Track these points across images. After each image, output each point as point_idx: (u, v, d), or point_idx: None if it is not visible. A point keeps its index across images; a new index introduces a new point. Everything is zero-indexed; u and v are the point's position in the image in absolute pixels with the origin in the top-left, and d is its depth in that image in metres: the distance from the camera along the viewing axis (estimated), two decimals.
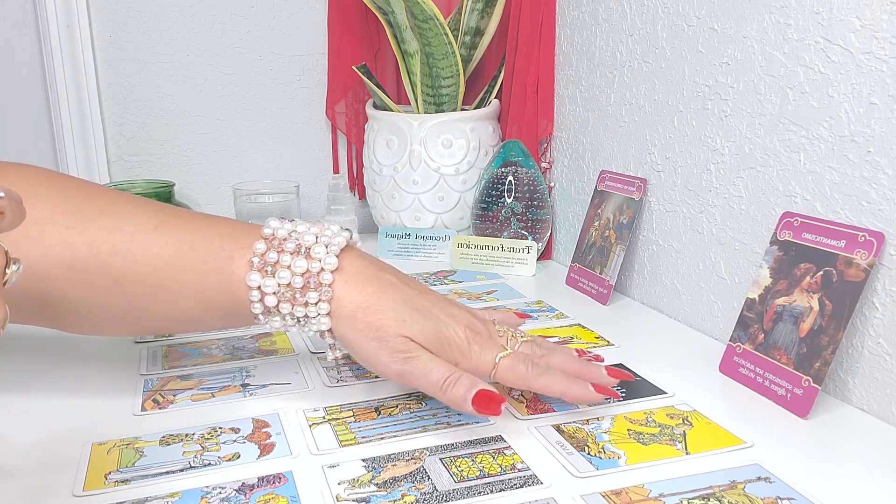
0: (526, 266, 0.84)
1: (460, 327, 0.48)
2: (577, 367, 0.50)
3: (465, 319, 0.49)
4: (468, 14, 0.91)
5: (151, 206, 0.50)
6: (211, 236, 0.48)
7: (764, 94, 0.58)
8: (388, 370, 0.46)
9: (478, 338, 0.48)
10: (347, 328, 0.46)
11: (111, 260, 0.46)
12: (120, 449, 0.45)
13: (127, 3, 0.96)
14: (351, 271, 0.47)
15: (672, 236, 0.69)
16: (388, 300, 0.47)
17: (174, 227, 0.48)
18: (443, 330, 0.47)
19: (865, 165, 0.50)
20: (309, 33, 1.05)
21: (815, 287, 0.51)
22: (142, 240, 0.47)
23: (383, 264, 0.50)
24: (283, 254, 0.46)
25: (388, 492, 0.40)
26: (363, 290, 0.47)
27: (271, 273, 0.46)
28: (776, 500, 0.40)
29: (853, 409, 0.51)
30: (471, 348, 0.47)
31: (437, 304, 0.49)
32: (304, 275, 0.46)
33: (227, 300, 0.47)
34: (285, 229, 0.48)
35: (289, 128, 1.07)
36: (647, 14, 0.70)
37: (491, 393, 0.44)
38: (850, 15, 0.50)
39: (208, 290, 0.47)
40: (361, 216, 1.08)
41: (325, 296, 0.46)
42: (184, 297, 0.47)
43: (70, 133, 0.96)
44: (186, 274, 0.47)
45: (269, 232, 0.47)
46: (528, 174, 0.86)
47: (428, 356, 0.46)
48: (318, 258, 0.46)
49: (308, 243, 0.47)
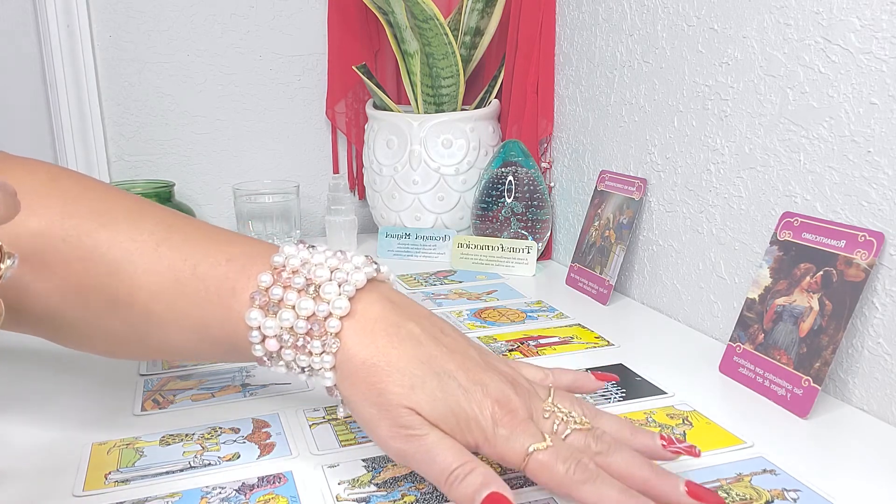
0: (526, 266, 0.84)
1: (487, 401, 0.38)
2: (646, 475, 0.37)
3: (498, 390, 0.38)
4: (468, 14, 0.91)
5: (156, 218, 0.44)
6: (218, 259, 0.41)
7: (764, 94, 0.58)
8: (387, 446, 0.38)
9: (509, 418, 0.38)
10: (349, 386, 0.39)
11: (107, 281, 0.41)
12: (120, 449, 0.45)
13: (127, 3, 0.96)
14: (366, 317, 0.39)
15: (672, 236, 0.69)
16: (400, 358, 0.38)
17: (178, 245, 0.42)
18: (461, 403, 0.37)
19: (865, 165, 0.50)
20: (309, 33, 1.05)
21: (815, 287, 0.51)
22: (141, 260, 0.41)
23: (412, 310, 0.41)
24: (288, 290, 0.39)
25: (388, 492, 0.40)
26: (373, 342, 0.39)
27: (273, 313, 0.39)
28: (783, 491, 0.40)
29: (853, 409, 0.51)
30: (496, 431, 0.37)
31: (467, 366, 0.39)
32: (309, 318, 0.39)
33: (227, 337, 0.41)
34: (299, 259, 0.40)
35: (289, 128, 1.07)
36: (647, 14, 0.70)
37: (503, 499, 0.35)
38: (850, 15, 0.50)
39: (208, 324, 0.41)
40: (361, 216, 1.08)
41: (329, 347, 0.39)
42: (183, 328, 0.41)
43: (70, 133, 0.96)
44: (185, 303, 0.41)
45: (280, 261, 0.40)
46: (528, 174, 0.86)
47: (437, 436, 0.37)
48: (328, 300, 0.39)
49: (319, 279, 0.39)
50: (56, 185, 0.44)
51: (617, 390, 0.53)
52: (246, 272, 0.41)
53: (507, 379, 0.39)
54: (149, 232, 0.42)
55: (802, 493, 0.40)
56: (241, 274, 0.41)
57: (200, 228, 0.44)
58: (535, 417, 0.39)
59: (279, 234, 0.94)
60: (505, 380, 0.39)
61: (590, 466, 0.37)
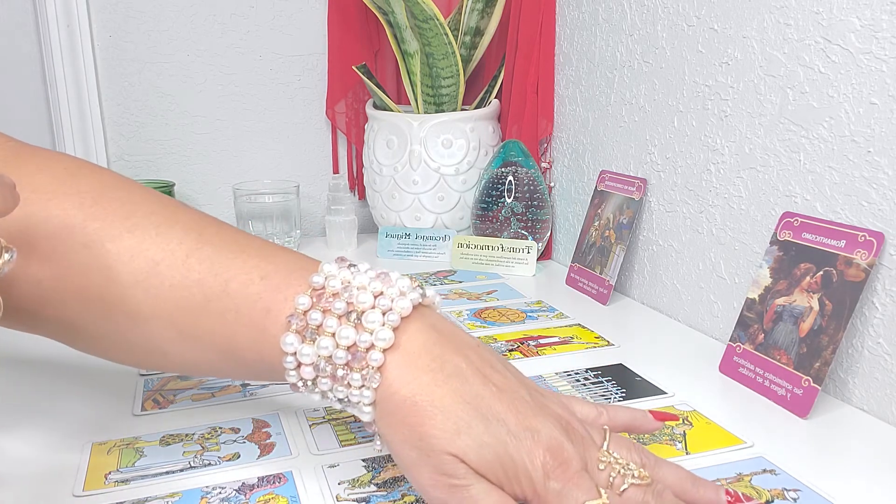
0: (526, 266, 0.84)
1: (539, 450, 0.34)
2: None
3: (550, 438, 0.35)
4: (468, 14, 0.91)
5: (186, 225, 0.40)
6: (251, 276, 0.38)
7: (764, 94, 0.58)
8: (427, 495, 0.35)
9: (562, 469, 0.34)
10: (388, 425, 0.36)
11: (131, 293, 0.38)
12: (120, 449, 0.45)
13: (127, 3, 0.96)
14: (409, 351, 0.36)
15: (672, 236, 0.69)
16: (445, 397, 0.35)
17: (209, 257, 0.39)
18: (510, 452, 0.34)
19: (865, 165, 0.50)
20: (309, 33, 1.05)
21: (815, 287, 0.51)
22: (169, 273, 0.38)
23: (458, 341, 0.38)
24: (328, 315, 0.36)
25: (388, 492, 0.40)
26: (417, 378, 0.35)
27: (311, 340, 0.36)
28: (783, 491, 0.40)
29: (853, 409, 0.51)
30: (547, 485, 0.34)
31: (517, 408, 0.35)
32: (349, 348, 0.36)
33: (259, 360, 0.38)
34: (339, 280, 0.37)
35: (289, 128, 1.07)
36: (647, 14, 0.70)
37: None
38: (850, 15, 0.50)
39: (237, 344, 0.38)
40: (361, 216, 1.08)
41: (370, 382, 0.35)
42: (208, 347, 0.39)
43: (70, 133, 0.96)
44: (213, 321, 0.38)
45: (320, 282, 0.37)
46: (528, 174, 0.86)
47: (483, 487, 0.34)
48: (370, 329, 0.36)
49: (362, 306, 0.36)
50: (75, 183, 0.41)
51: (617, 390, 0.53)
52: (282, 292, 0.38)
53: (561, 423, 0.36)
54: (177, 241, 0.39)
55: (802, 492, 0.40)
56: (276, 293, 0.38)
57: (233, 238, 0.41)
58: (590, 468, 0.35)
59: (279, 234, 0.94)
60: (558, 424, 0.36)
61: None
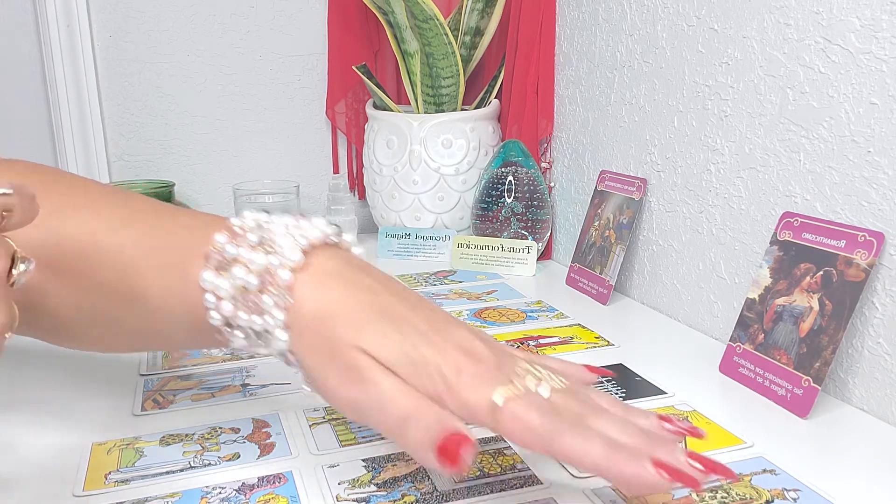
0: (526, 266, 0.84)
1: (450, 348, 0.33)
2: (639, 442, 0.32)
3: (463, 338, 0.34)
4: (468, 14, 0.91)
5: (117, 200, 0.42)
6: (175, 227, 0.39)
7: (764, 94, 0.58)
8: (337, 398, 0.34)
9: (475, 365, 0.33)
10: (300, 344, 0.35)
11: (76, 264, 0.39)
12: (120, 449, 0.45)
13: (127, 3, 0.96)
14: (320, 270, 0.36)
15: (672, 236, 0.69)
16: (355, 305, 0.35)
17: (142, 222, 0.40)
18: (419, 347, 0.33)
19: (865, 165, 0.50)
20: (309, 33, 1.05)
21: (815, 287, 0.51)
22: (107, 239, 0.39)
23: (372, 269, 0.38)
24: (242, 247, 0.36)
25: (388, 492, 0.40)
26: (327, 293, 0.35)
27: (226, 271, 0.36)
28: (783, 491, 0.40)
29: (853, 409, 0.51)
30: (460, 379, 0.32)
31: (429, 318, 0.35)
32: (261, 273, 0.35)
33: (186, 309, 0.38)
34: (254, 220, 0.38)
35: (289, 128, 1.07)
36: (647, 14, 0.70)
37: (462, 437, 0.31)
38: (850, 15, 0.50)
39: (168, 296, 0.38)
40: (361, 216, 1.08)
41: (281, 300, 0.35)
42: (149, 308, 0.39)
43: (70, 133, 0.96)
44: (147, 276, 0.38)
45: (239, 223, 0.38)
46: (528, 174, 0.86)
47: (394, 383, 0.33)
48: (279, 252, 0.36)
49: (274, 235, 0.37)
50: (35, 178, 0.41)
51: (617, 390, 0.53)
52: (202, 233, 0.38)
53: (475, 333, 0.35)
54: (111, 213, 0.40)
55: (802, 492, 0.40)
56: (196, 236, 0.38)
57: (165, 207, 0.42)
58: (503, 368, 0.33)
59: None
60: (472, 332, 0.35)
61: (569, 416, 0.32)
